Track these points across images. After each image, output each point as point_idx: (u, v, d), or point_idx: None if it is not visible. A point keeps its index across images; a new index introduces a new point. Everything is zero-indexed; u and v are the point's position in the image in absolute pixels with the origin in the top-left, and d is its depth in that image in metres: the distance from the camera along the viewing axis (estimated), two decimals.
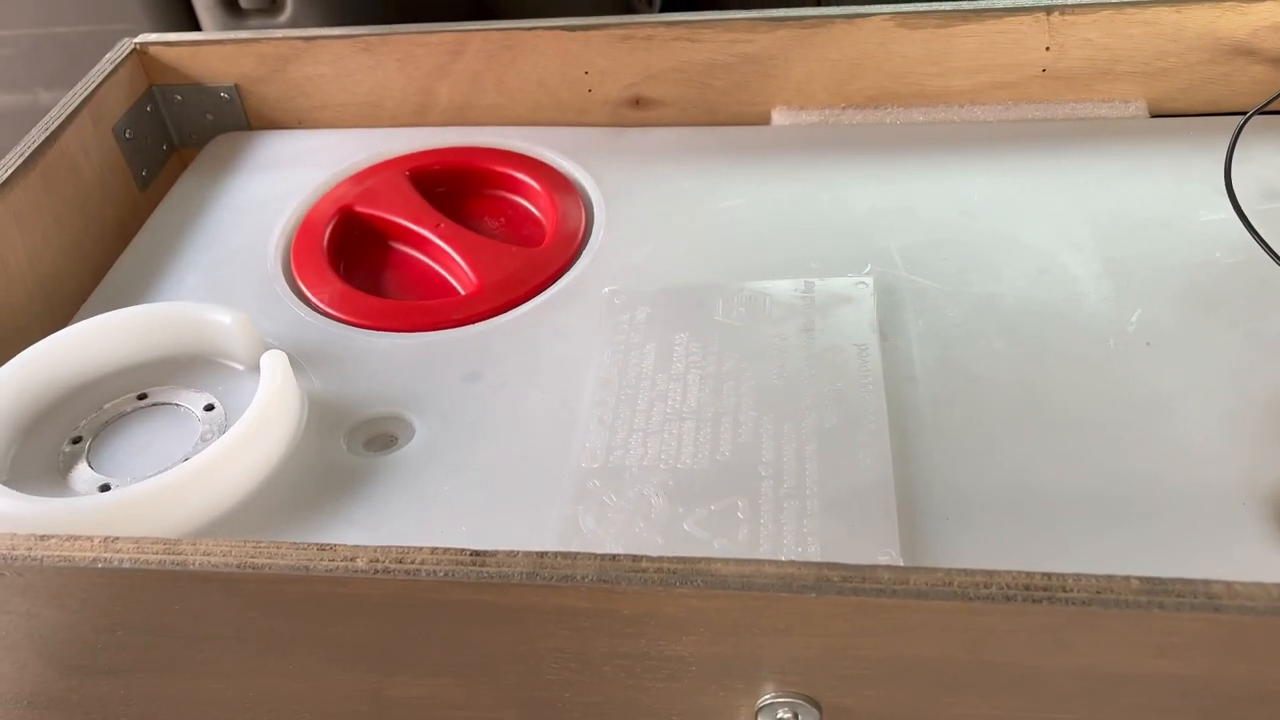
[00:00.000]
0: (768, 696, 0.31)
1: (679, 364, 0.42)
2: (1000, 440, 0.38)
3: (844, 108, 0.58)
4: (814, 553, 0.34)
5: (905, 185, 0.52)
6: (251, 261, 0.51)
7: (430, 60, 0.59)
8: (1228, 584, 0.27)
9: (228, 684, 0.34)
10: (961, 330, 0.43)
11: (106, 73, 0.57)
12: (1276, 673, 0.28)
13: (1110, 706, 0.29)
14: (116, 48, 0.59)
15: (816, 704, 0.31)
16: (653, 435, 0.39)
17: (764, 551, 0.35)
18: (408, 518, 0.38)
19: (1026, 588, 0.27)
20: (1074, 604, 0.27)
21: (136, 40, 0.60)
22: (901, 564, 0.34)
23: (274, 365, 0.41)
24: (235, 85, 0.60)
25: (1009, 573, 0.28)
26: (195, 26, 0.88)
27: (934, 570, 0.28)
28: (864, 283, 0.45)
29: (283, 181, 0.57)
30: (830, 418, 0.39)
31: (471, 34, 0.58)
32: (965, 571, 0.28)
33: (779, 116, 0.58)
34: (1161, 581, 0.27)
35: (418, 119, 0.60)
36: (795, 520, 0.36)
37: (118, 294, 0.50)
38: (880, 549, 0.34)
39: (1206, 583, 0.27)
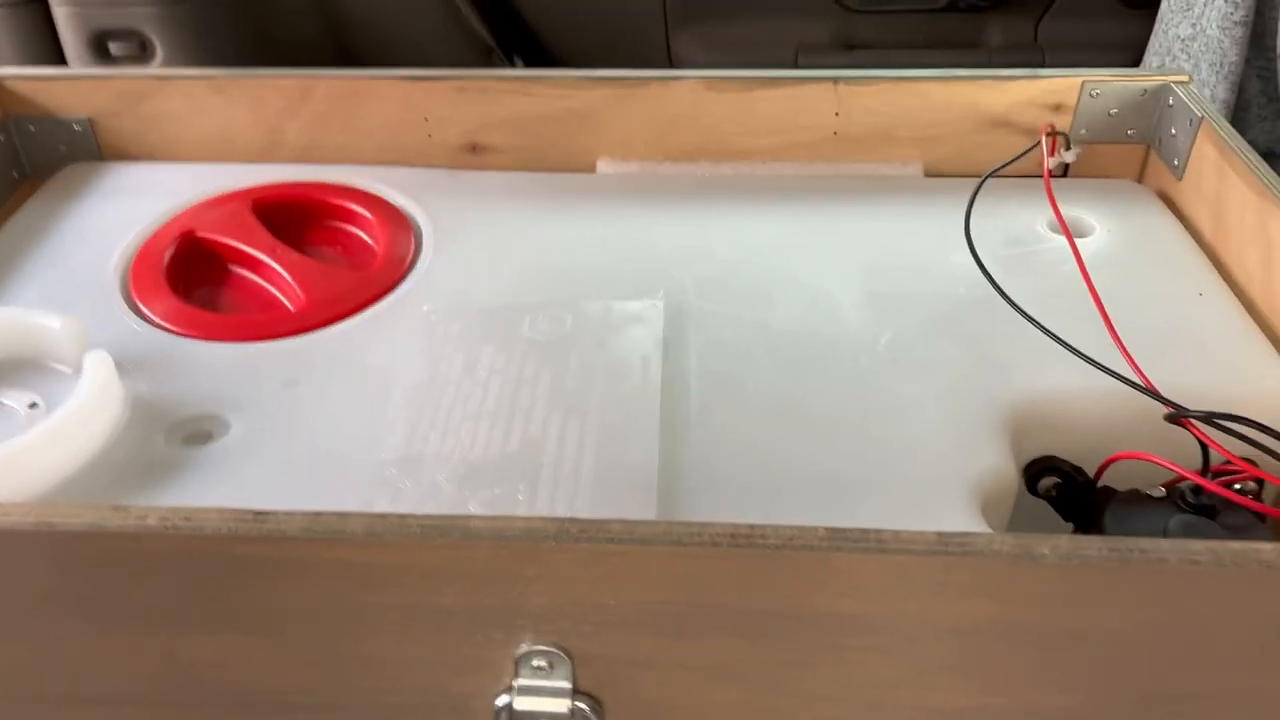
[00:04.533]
0: (524, 646, 0.35)
1: (483, 371, 0.47)
2: (756, 437, 0.44)
3: (661, 160, 0.64)
4: None
5: (707, 229, 0.58)
6: (91, 279, 0.54)
7: (279, 102, 0.63)
8: (895, 532, 0.32)
9: (38, 651, 0.36)
10: (735, 348, 0.48)
11: None
12: (941, 609, 0.33)
13: (812, 646, 0.34)
14: None
15: (569, 653, 0.35)
16: (450, 432, 0.44)
17: None
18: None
19: (732, 535, 0.32)
20: (770, 548, 0.32)
21: None
22: None
23: (96, 363, 0.44)
24: (89, 118, 0.63)
25: (718, 524, 0.32)
26: None
27: (656, 523, 0.33)
28: (655, 305, 0.50)
29: (130, 209, 0.60)
30: (610, 416, 0.44)
31: (318, 80, 0.62)
32: (683, 524, 0.33)
33: (603, 166, 0.64)
34: (842, 530, 0.32)
35: (267, 155, 0.64)
36: (567, 500, 0.40)
37: None
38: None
39: (878, 531, 0.32)
